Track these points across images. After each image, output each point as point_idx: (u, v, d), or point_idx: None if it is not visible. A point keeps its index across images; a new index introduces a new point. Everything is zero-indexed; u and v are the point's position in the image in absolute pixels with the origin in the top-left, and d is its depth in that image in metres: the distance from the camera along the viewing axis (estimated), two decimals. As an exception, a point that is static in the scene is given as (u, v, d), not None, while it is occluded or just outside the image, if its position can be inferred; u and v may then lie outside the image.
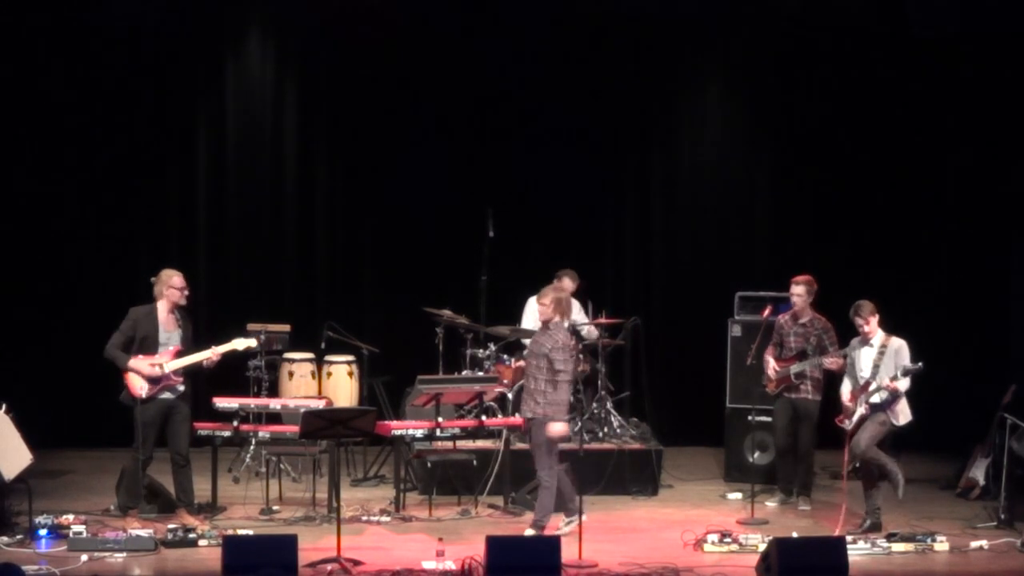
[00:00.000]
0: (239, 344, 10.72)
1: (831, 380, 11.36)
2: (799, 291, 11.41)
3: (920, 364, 10.34)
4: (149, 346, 10.49)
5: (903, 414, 10.46)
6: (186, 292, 10.63)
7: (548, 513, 10.29)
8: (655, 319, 14.00)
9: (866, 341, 10.54)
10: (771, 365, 11.45)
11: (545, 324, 10.40)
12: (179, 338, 10.58)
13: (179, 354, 10.51)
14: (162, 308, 10.58)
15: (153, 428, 10.50)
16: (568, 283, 12.40)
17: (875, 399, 10.36)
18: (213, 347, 10.59)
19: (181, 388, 10.60)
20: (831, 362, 11.12)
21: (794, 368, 11.30)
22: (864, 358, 10.51)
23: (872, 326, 10.51)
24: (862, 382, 10.45)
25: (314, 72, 14.01)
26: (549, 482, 10.27)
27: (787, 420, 11.44)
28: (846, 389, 10.65)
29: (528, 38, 13.80)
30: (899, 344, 10.47)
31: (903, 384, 10.35)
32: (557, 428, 10.21)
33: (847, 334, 11.06)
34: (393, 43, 13.83)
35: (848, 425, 10.53)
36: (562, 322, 10.42)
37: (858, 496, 10.83)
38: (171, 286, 10.53)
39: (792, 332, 11.45)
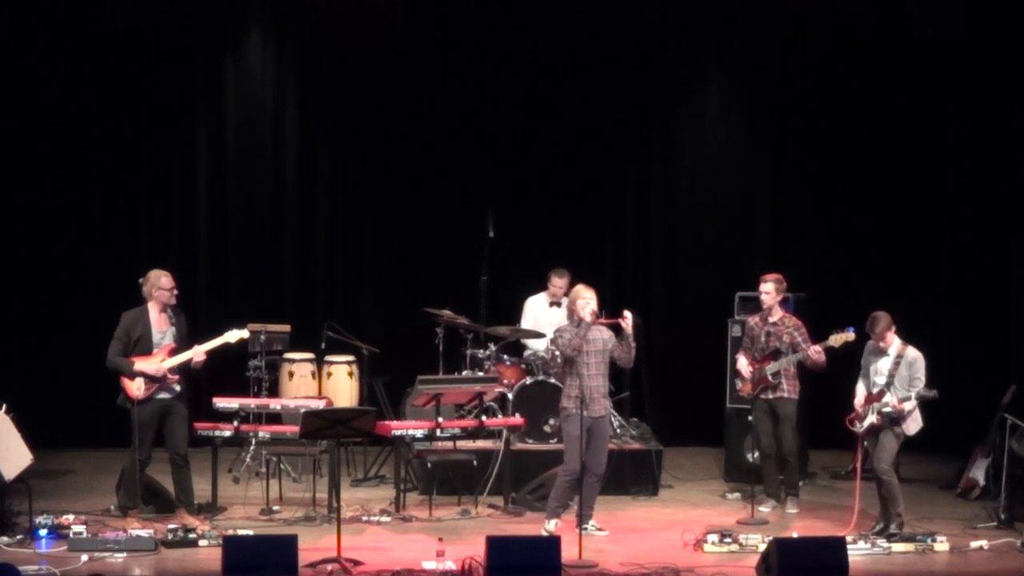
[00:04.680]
0: (231, 337, 10.70)
1: (825, 381, 11.38)
2: (768, 289, 11.34)
3: (935, 392, 10.30)
4: (144, 347, 10.50)
5: (915, 423, 10.39)
6: (175, 292, 10.60)
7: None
8: (655, 319, 13.99)
9: (882, 350, 10.44)
10: (745, 367, 11.38)
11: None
12: (172, 336, 10.57)
13: (173, 352, 10.51)
14: (153, 308, 10.58)
15: (150, 429, 10.50)
16: (566, 282, 12.48)
17: (888, 410, 10.32)
18: (195, 346, 10.59)
19: (177, 388, 10.60)
20: (816, 350, 11.04)
21: (770, 368, 11.23)
22: (880, 366, 10.43)
23: (887, 340, 10.41)
24: (876, 390, 10.38)
25: (314, 72, 14.01)
26: None
27: (770, 423, 11.35)
28: (860, 392, 10.53)
29: (528, 38, 13.79)
30: (915, 356, 10.34)
31: (909, 404, 10.30)
32: None
33: (823, 331, 11.10)
34: (393, 43, 13.83)
35: (858, 428, 10.48)
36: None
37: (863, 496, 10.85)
38: (160, 287, 10.52)
39: (764, 332, 11.38)
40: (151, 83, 13.61)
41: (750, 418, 11.72)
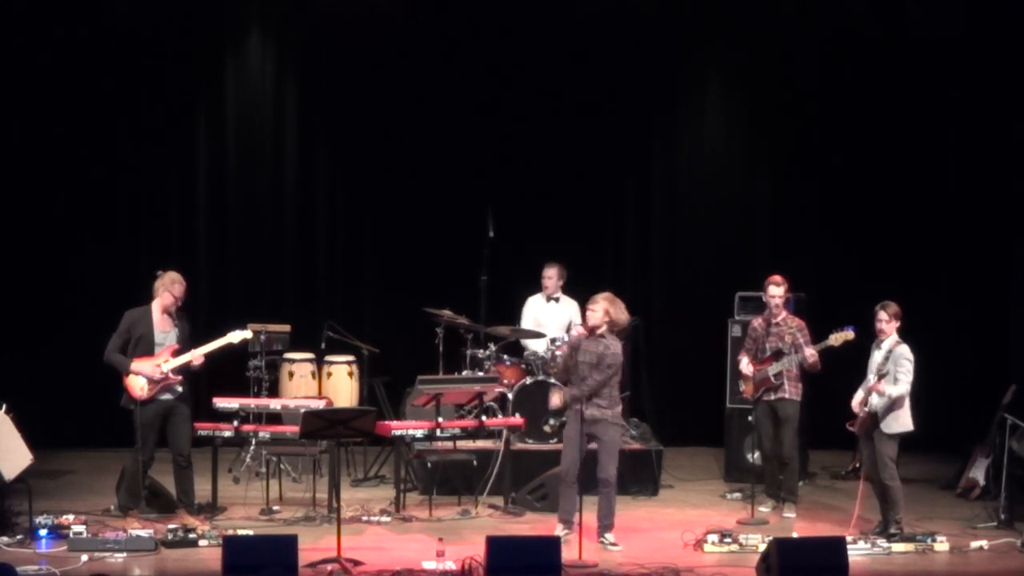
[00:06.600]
0: (234, 337, 10.70)
1: (826, 382, 11.38)
2: (779, 292, 11.28)
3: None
4: (145, 347, 10.49)
5: (896, 422, 10.30)
6: (180, 302, 10.59)
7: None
8: (655, 319, 13.99)
9: (879, 343, 10.42)
10: (747, 368, 11.35)
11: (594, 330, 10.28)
12: (175, 337, 10.56)
13: (176, 353, 10.51)
14: (156, 308, 10.57)
15: (152, 429, 10.50)
16: (556, 272, 12.60)
17: (873, 398, 10.31)
18: (193, 350, 10.56)
19: (180, 389, 10.59)
20: (811, 354, 11.01)
21: (772, 369, 11.19)
22: (875, 359, 10.44)
23: (886, 327, 10.36)
24: (870, 383, 10.39)
25: (314, 72, 14.01)
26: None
27: (771, 425, 11.30)
28: (859, 393, 10.49)
29: (528, 38, 13.80)
30: (900, 352, 10.28)
31: (894, 390, 10.23)
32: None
33: (823, 331, 11.07)
34: (393, 43, 13.83)
35: (856, 428, 10.47)
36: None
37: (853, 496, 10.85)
38: (170, 291, 10.50)
39: (767, 333, 11.32)
40: (151, 83, 13.60)
41: (750, 418, 11.70)
